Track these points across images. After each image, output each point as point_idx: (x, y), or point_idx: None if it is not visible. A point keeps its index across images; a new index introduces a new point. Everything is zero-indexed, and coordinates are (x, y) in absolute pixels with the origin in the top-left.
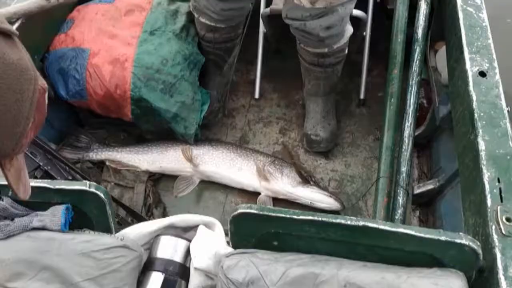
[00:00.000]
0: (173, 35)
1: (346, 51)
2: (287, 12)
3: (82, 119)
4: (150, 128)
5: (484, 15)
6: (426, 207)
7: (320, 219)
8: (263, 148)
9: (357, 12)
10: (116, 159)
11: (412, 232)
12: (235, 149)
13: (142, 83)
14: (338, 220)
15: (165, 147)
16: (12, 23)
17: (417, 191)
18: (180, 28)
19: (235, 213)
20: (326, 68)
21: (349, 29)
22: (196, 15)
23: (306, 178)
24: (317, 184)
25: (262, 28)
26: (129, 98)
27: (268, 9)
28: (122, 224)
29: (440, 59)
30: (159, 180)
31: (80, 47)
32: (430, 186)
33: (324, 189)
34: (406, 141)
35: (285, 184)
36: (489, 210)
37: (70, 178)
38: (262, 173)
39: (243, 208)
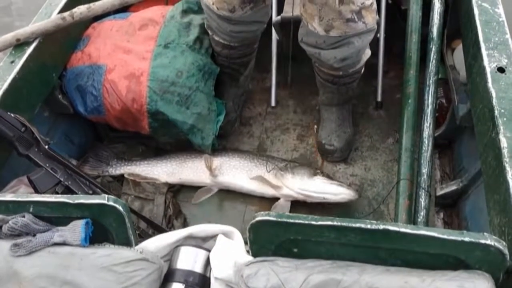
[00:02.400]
0: (187, 47)
1: (362, 71)
2: (302, 37)
3: (100, 134)
4: (168, 140)
5: (500, 10)
6: (450, 208)
7: (339, 224)
8: (281, 155)
9: None
10: (135, 172)
11: (435, 234)
12: (250, 158)
13: (158, 96)
14: (358, 225)
15: (184, 159)
16: (30, 42)
17: (440, 192)
18: (193, 40)
19: (253, 221)
20: (340, 86)
21: (367, 53)
22: (210, 33)
23: (316, 171)
24: (327, 175)
25: (275, 36)
26: (145, 111)
27: (279, 17)
28: (143, 236)
29: (458, 57)
30: (179, 191)
31: (97, 64)
32: (453, 187)
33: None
34: (426, 142)
35: (295, 182)
36: None
37: (90, 192)
38: (275, 177)
39: (261, 216)
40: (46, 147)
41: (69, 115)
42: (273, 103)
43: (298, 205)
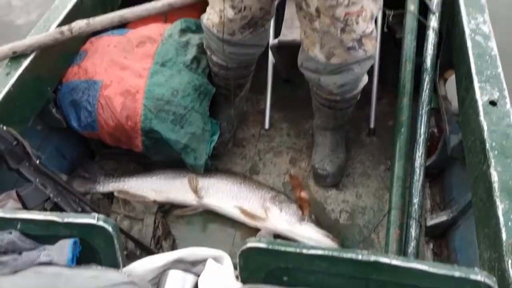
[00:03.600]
0: (184, 66)
1: (359, 97)
2: (302, 62)
3: (93, 149)
4: (160, 158)
5: (493, 43)
6: (440, 239)
7: (330, 254)
8: (273, 178)
9: None
10: (124, 189)
11: (426, 268)
12: (239, 183)
13: (152, 114)
14: (349, 255)
15: (172, 177)
16: (27, 55)
17: (430, 222)
18: (190, 60)
19: (244, 247)
20: (337, 111)
21: (365, 79)
22: (208, 53)
23: (304, 216)
24: (315, 222)
25: (271, 58)
26: (139, 129)
27: (276, 40)
28: (131, 257)
29: (450, 87)
30: (169, 211)
31: (93, 79)
32: (443, 218)
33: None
34: (418, 172)
35: (282, 220)
36: (504, 244)
37: (79, 210)
38: (261, 208)
39: (252, 242)
40: (37, 162)
41: (62, 129)
42: (267, 126)
43: None
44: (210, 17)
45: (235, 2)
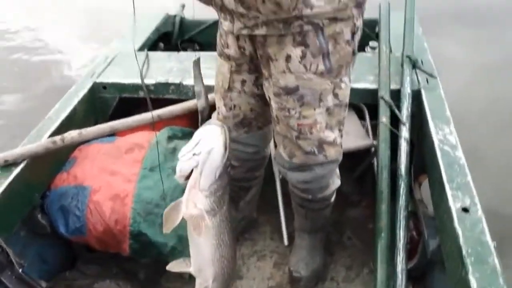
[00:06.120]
0: (172, 171)
1: (333, 199)
2: (275, 156)
3: (75, 253)
4: (147, 261)
5: (460, 153)
6: None
7: None
8: (257, 283)
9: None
10: None
11: None
12: None
13: (141, 217)
14: None
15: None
16: (17, 163)
17: None
18: None
19: None
20: (311, 212)
21: (336, 182)
22: None
23: None
24: None
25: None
26: (128, 233)
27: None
28: None
29: (425, 190)
30: None
31: (82, 185)
32: None
33: None
34: (400, 276)
35: None
36: None
37: None
38: None
39: None
40: (20, 270)
41: (45, 235)
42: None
43: None
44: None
45: (226, 100)
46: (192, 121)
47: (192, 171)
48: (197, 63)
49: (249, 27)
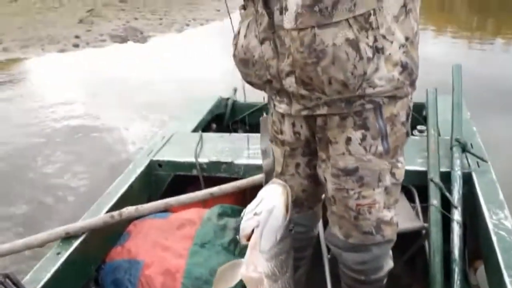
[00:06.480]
0: (222, 248)
1: (385, 282)
2: (327, 236)
3: None
4: None
5: None
6: None
7: None
8: None
9: None
10: None
11: None
12: None
13: None
14: None
15: None
16: (77, 236)
17: None
18: (228, 242)
19: None
20: None
21: (390, 264)
22: None
23: None
24: None
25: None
26: None
27: None
28: None
29: (481, 275)
30: None
31: (135, 259)
32: None
33: None
34: None
35: None
36: None
37: None
38: None
39: None
40: None
41: None
42: None
43: None
44: None
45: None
46: (243, 199)
47: (253, 231)
48: (264, 122)
49: (309, 107)
